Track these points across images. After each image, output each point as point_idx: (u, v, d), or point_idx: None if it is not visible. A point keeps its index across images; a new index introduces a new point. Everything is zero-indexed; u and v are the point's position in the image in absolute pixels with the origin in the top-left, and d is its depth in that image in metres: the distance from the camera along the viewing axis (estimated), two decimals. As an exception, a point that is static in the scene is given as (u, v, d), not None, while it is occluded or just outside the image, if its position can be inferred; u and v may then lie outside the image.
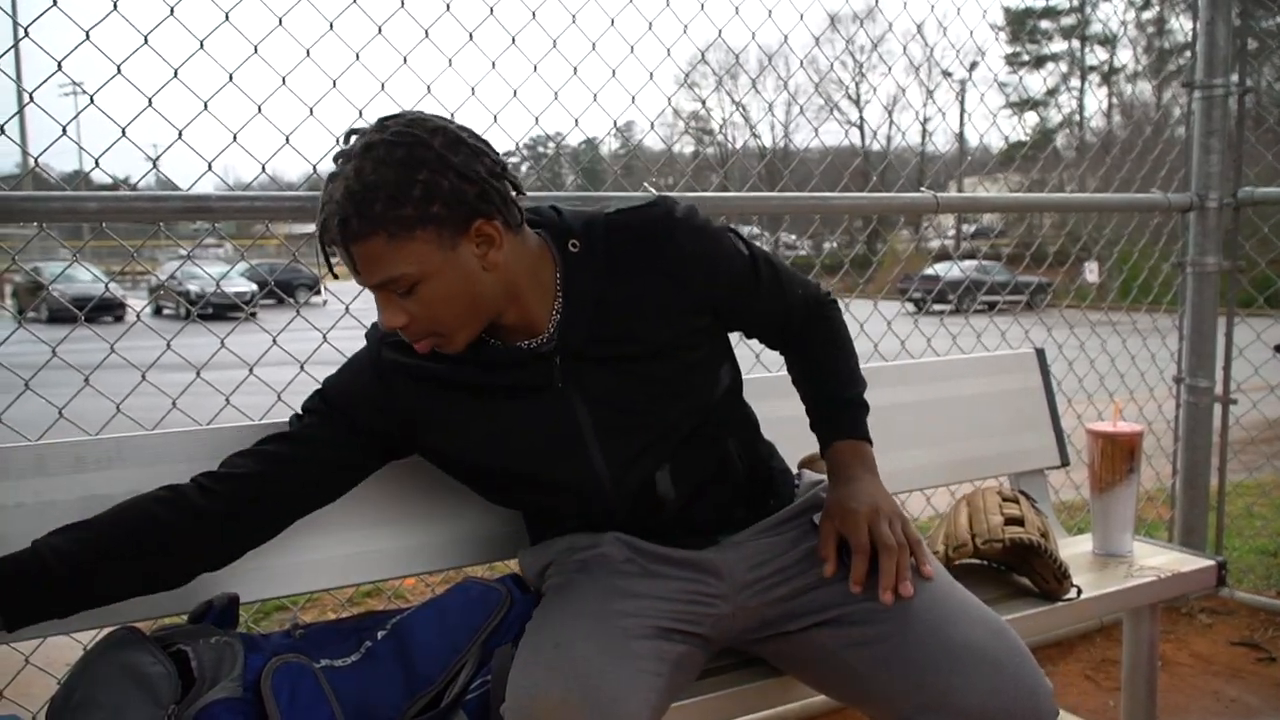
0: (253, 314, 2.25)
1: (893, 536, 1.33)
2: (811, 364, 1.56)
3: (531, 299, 1.28)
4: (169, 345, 1.86)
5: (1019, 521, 1.76)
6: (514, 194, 1.24)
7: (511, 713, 1.13)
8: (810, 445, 1.74)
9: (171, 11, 1.74)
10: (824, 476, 1.62)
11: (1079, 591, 1.75)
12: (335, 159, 1.17)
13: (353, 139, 1.17)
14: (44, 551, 1.19)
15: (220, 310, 2.86)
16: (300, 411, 1.39)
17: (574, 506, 1.41)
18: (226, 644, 1.23)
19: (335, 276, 1.22)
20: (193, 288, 13.91)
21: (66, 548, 1.19)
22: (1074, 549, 2.04)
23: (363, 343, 1.42)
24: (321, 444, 1.34)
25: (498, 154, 1.21)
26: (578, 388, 1.32)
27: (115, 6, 1.74)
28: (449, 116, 1.22)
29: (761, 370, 2.02)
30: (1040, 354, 2.34)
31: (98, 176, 1.77)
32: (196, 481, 1.29)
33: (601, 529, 1.41)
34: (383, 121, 1.16)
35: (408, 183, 1.12)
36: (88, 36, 1.68)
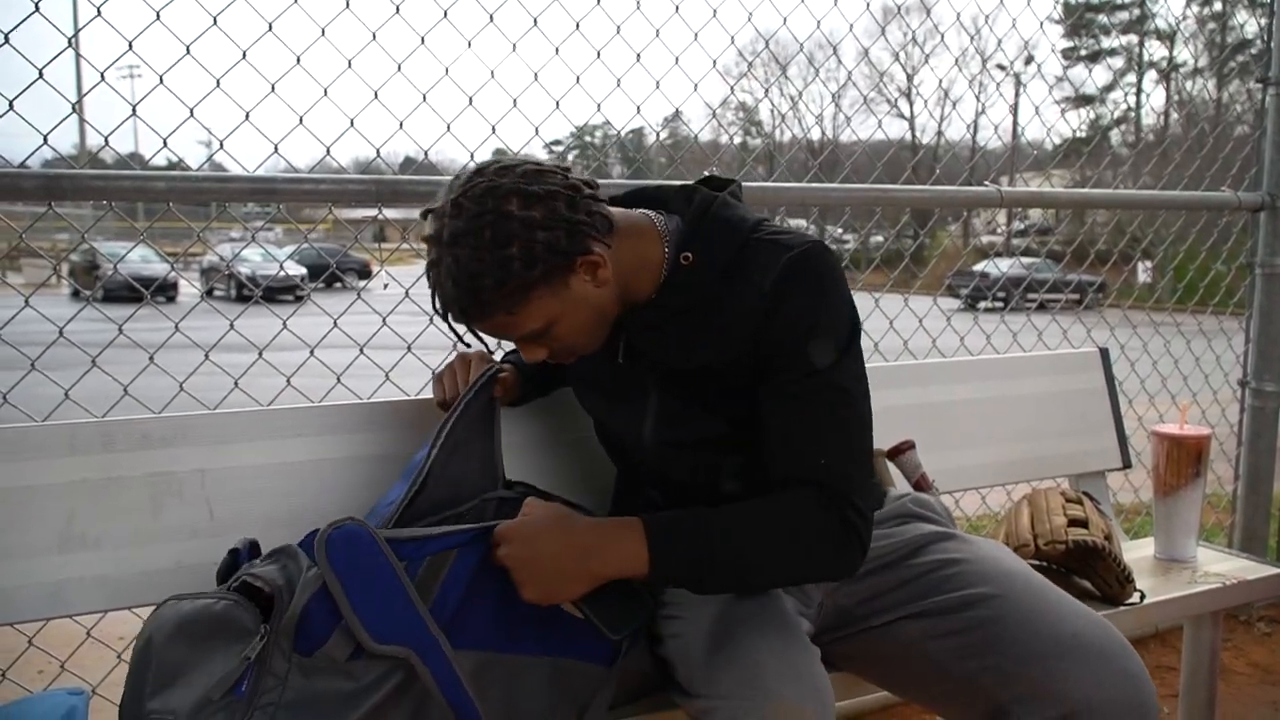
0: (303, 296, 2.27)
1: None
2: (747, 507, 1.23)
3: (638, 282, 1.30)
4: (232, 325, 1.88)
5: (1082, 523, 1.73)
6: (595, 204, 1.23)
7: (743, 713, 1.12)
8: (889, 441, 1.72)
9: (241, -7, 1.75)
10: (907, 489, 1.62)
11: (1142, 596, 1.72)
12: (425, 239, 1.22)
13: (434, 224, 1.20)
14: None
15: (270, 293, 2.90)
16: None
17: (646, 474, 1.44)
18: (278, 553, 1.19)
19: (468, 345, 1.33)
20: (243, 270, 14.09)
21: None
22: (1135, 553, 2.00)
23: (419, 327, 1.47)
24: None
25: (565, 175, 1.21)
26: (646, 359, 1.34)
27: (186, -12, 1.76)
28: (501, 156, 1.27)
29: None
30: (1104, 354, 2.29)
31: (156, 158, 1.79)
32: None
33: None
34: (456, 203, 1.17)
35: (505, 260, 1.15)
36: (158, 17, 1.70)
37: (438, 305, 1.23)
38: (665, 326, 1.30)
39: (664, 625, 1.32)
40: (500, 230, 1.15)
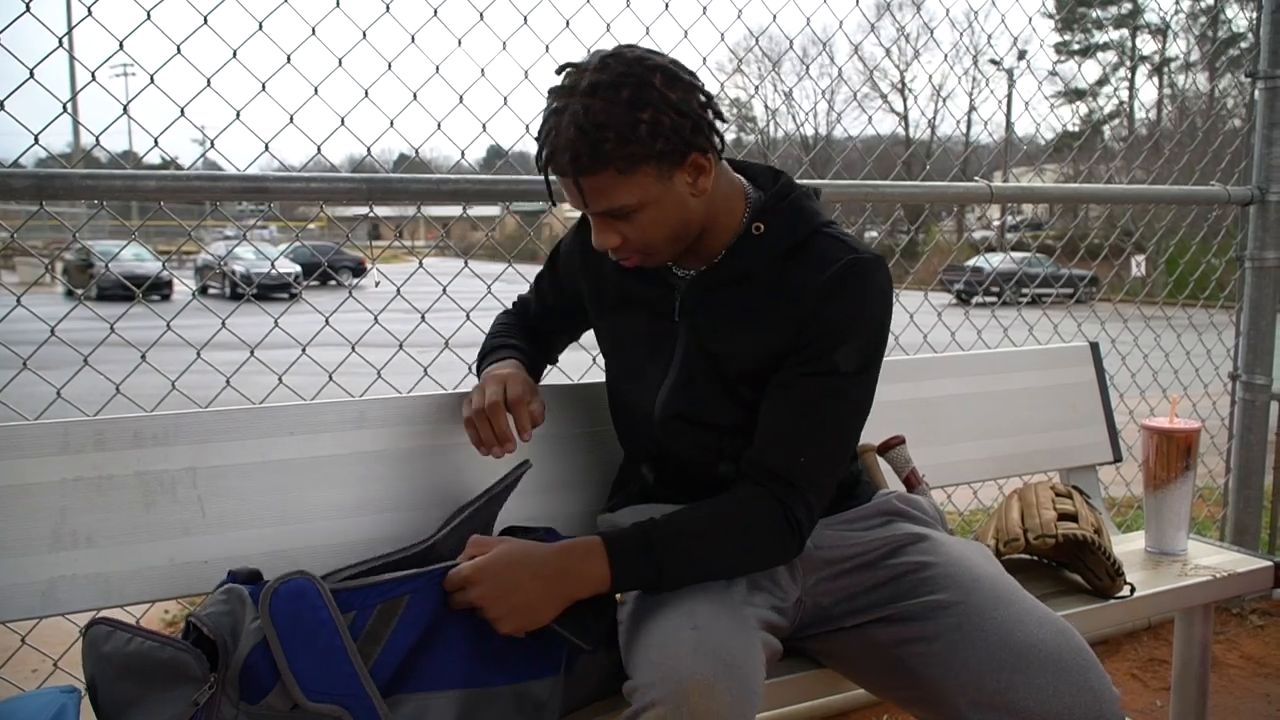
0: (296, 294, 2.27)
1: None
2: (697, 507, 1.29)
3: (717, 227, 1.35)
4: (224, 324, 1.88)
5: (1072, 517, 1.74)
6: (720, 122, 1.29)
7: (657, 690, 1.11)
8: (880, 436, 1.73)
9: (231, -8, 1.75)
10: (898, 488, 1.63)
11: (1132, 589, 1.72)
12: (554, 92, 1.24)
13: (572, 75, 1.23)
14: (531, 347, 1.59)
15: (265, 291, 2.89)
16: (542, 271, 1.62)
17: (645, 445, 1.45)
18: (228, 593, 1.19)
19: (554, 204, 1.34)
20: (238, 268, 14.07)
21: (534, 346, 1.60)
22: (1126, 546, 2.01)
23: (411, 325, 1.48)
24: (552, 300, 1.60)
25: (703, 85, 1.27)
26: (689, 324, 1.38)
27: (176, -13, 1.76)
28: (658, 50, 1.28)
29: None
30: (1095, 348, 2.30)
31: (149, 156, 1.79)
32: (522, 316, 1.65)
33: (668, 494, 1.44)
34: (604, 60, 1.22)
35: (634, 122, 1.19)
36: (149, 16, 1.69)
37: (544, 155, 1.24)
38: (722, 291, 1.35)
39: (618, 610, 1.34)
40: (639, 95, 1.19)
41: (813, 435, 1.29)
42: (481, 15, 2.00)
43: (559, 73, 1.26)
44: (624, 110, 1.18)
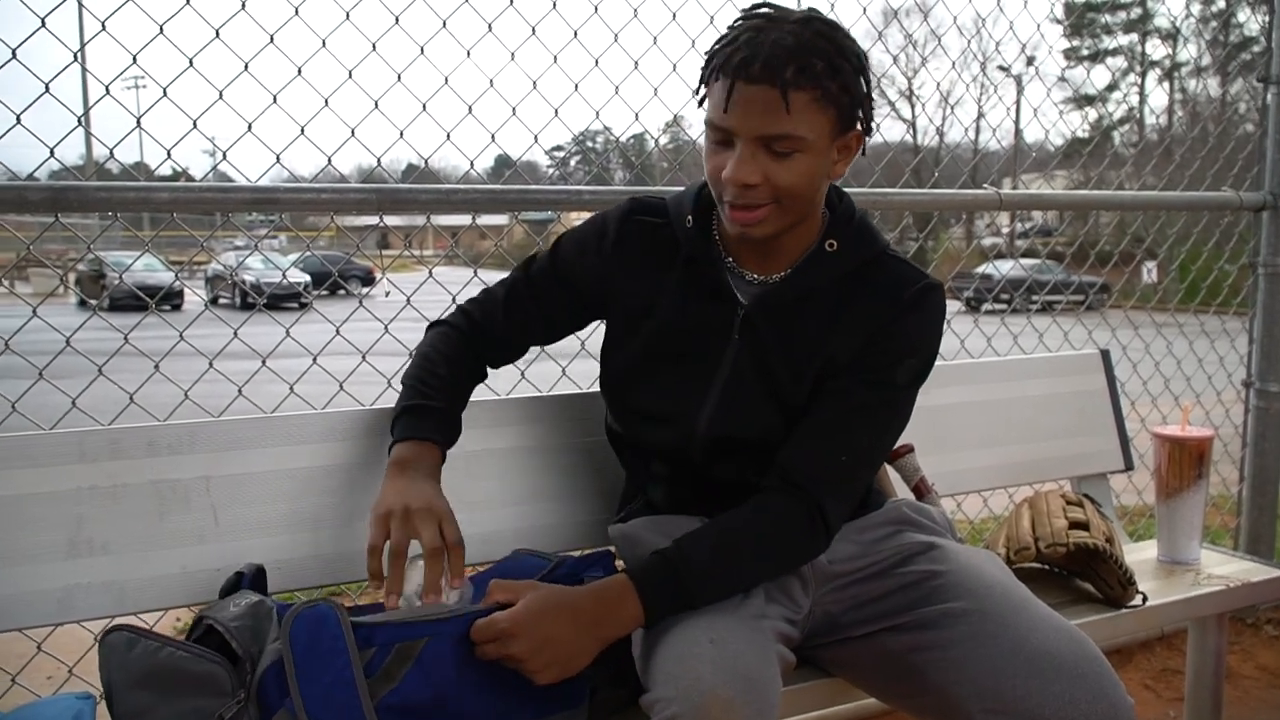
0: (307, 303, 2.29)
1: None
2: (722, 522, 1.29)
3: (802, 229, 1.34)
4: (235, 334, 1.89)
5: (1083, 525, 1.73)
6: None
7: (677, 704, 1.11)
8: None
9: (243, 5, 1.77)
10: (907, 496, 1.62)
11: (1144, 599, 1.72)
12: (751, 18, 1.23)
13: (778, 11, 1.23)
14: (452, 401, 1.42)
15: (275, 300, 2.92)
16: (533, 259, 1.49)
17: (666, 445, 1.42)
18: (256, 607, 1.20)
19: (725, 111, 1.22)
20: (248, 278, 14.12)
21: (458, 392, 1.44)
22: (1138, 555, 2.00)
23: (420, 333, 1.48)
24: (544, 296, 1.46)
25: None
26: (743, 342, 1.36)
27: (188, 1, 1.77)
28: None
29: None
30: (1105, 355, 2.30)
31: (161, 168, 1.81)
32: (463, 330, 1.47)
33: (681, 498, 1.44)
34: (813, 12, 1.24)
35: (841, 64, 1.21)
36: (161, 30, 1.71)
37: (736, 60, 1.19)
38: (786, 308, 1.35)
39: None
40: (848, 46, 1.22)
41: (856, 439, 1.32)
42: (490, 26, 2.01)
43: (750, 9, 1.25)
44: (837, 47, 1.21)
